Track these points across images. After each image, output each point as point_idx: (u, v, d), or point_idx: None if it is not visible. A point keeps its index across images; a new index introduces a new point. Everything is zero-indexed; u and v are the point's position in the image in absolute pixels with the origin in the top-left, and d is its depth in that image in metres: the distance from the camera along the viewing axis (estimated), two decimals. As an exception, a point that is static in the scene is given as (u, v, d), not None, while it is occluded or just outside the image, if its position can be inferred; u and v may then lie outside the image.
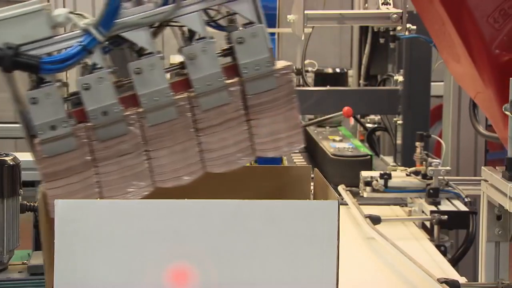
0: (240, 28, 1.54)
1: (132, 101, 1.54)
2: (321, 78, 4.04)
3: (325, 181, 1.62)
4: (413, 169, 2.94)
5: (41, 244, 2.48)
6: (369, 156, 3.28)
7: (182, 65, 1.57)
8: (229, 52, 1.57)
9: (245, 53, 1.53)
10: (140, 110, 1.52)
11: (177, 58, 1.63)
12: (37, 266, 1.78)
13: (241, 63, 1.53)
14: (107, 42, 1.51)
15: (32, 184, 2.67)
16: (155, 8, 1.50)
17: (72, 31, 1.51)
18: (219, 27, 1.58)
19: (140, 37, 1.51)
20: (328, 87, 3.68)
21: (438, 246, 2.63)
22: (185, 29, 1.56)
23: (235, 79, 1.54)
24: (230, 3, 1.52)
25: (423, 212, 2.86)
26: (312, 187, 1.83)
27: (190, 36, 1.54)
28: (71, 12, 1.51)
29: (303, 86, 3.98)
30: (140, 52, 1.53)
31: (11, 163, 1.90)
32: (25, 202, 2.09)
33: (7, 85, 1.49)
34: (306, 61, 4.02)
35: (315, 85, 4.00)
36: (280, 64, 1.56)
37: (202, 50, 1.51)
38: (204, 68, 1.52)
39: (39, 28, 1.47)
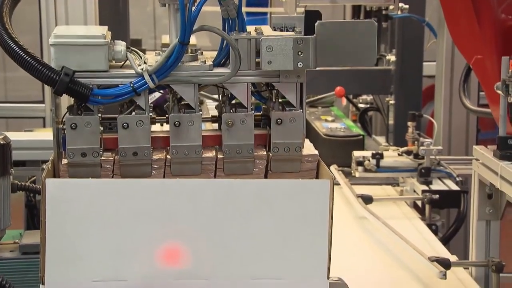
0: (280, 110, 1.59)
1: (161, 142, 1.58)
2: (313, 58, 4.02)
3: (320, 161, 1.63)
4: (405, 148, 2.95)
5: (33, 223, 2.49)
6: (361, 136, 3.28)
7: (215, 118, 1.63)
8: (262, 118, 1.63)
9: (280, 133, 1.58)
10: (168, 157, 1.56)
11: (168, 38, 1.63)
12: (29, 245, 1.77)
13: (273, 142, 1.58)
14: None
15: (23, 163, 2.67)
16: (209, 70, 1.54)
17: (124, 67, 1.54)
18: (261, 99, 1.64)
19: (187, 93, 1.55)
20: (320, 67, 3.66)
21: (429, 225, 2.64)
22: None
23: (263, 153, 1.59)
24: (278, 84, 1.56)
25: (414, 191, 2.87)
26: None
27: (230, 98, 1.59)
28: (128, 48, 1.55)
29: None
30: (180, 101, 1.57)
31: (2, 143, 1.89)
32: (16, 181, 2.08)
33: (52, 101, 1.53)
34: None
35: (308, 65, 3.98)
36: (307, 149, 1.61)
37: (241, 120, 1.56)
38: (239, 137, 1.57)
39: (98, 61, 1.50)
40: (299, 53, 1.51)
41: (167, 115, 1.58)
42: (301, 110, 1.58)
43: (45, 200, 1.47)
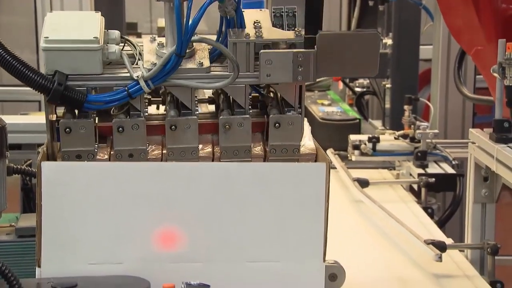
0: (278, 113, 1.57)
1: (156, 130, 1.56)
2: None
3: (316, 143, 1.62)
4: (401, 132, 2.95)
5: (29, 206, 2.48)
6: (357, 120, 3.28)
7: (212, 99, 1.62)
8: (259, 100, 1.62)
9: (278, 136, 1.56)
10: (164, 152, 1.55)
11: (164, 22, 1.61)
12: (25, 228, 1.77)
13: (271, 144, 1.56)
14: None
15: (19, 147, 2.67)
16: (206, 72, 1.51)
17: (119, 67, 1.52)
18: (259, 92, 1.62)
19: (184, 95, 1.53)
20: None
21: (425, 209, 2.65)
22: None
23: (261, 152, 1.57)
24: (277, 85, 1.55)
25: (410, 175, 2.87)
26: None
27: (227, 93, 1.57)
28: (122, 37, 1.52)
29: (291, 49, 3.95)
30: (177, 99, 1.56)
31: (-3, 126, 1.88)
32: (12, 164, 2.07)
33: (46, 107, 1.52)
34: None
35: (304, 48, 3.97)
36: (305, 147, 1.59)
37: (238, 123, 1.54)
38: (236, 140, 1.55)
39: (92, 65, 1.48)
40: (299, 67, 1.49)
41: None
42: (300, 112, 1.56)
43: (41, 183, 1.47)
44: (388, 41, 3.62)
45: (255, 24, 1.54)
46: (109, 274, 1.47)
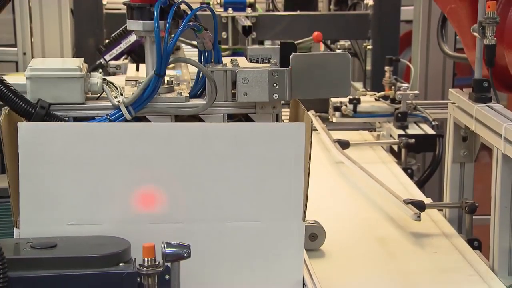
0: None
1: None
2: (291, 2, 3.99)
3: (300, 105, 1.63)
4: (382, 93, 2.96)
5: (3, 167, 2.45)
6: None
7: None
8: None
9: None
10: None
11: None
12: (1, 189, 1.76)
13: None
14: None
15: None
16: (185, 101, 1.57)
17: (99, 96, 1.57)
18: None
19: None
20: (298, 12, 3.64)
21: (405, 169, 2.67)
22: None
23: None
24: (254, 115, 1.60)
25: (391, 136, 2.88)
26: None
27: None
28: (104, 79, 1.57)
29: (272, 11, 3.93)
30: None
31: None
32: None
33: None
34: (276, -14, 3.97)
35: (285, 10, 3.95)
36: None
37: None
38: None
39: (73, 94, 1.53)
40: (275, 84, 1.55)
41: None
42: None
43: (8, 141, 1.46)
44: (369, 2, 3.60)
45: (232, 60, 1.62)
46: (88, 235, 1.47)
